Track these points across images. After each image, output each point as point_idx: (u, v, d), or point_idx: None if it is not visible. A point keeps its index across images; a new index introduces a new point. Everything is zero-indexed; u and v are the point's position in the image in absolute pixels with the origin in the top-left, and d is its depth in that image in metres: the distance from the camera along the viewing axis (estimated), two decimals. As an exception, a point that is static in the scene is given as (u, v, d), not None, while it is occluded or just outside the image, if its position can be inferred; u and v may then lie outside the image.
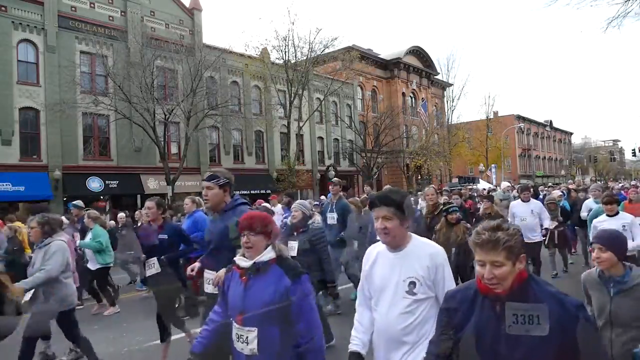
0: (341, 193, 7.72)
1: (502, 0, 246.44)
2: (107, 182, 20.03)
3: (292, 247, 5.02)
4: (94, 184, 19.69)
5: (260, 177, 26.67)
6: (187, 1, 24.73)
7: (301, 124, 27.14)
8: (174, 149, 23.09)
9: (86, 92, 18.82)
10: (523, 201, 7.68)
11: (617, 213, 5.52)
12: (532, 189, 10.67)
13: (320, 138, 32.03)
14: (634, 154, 52.62)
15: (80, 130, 19.88)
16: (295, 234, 5.27)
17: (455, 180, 35.10)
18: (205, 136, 23.58)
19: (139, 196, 20.87)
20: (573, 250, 10.94)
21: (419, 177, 37.68)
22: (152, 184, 21.29)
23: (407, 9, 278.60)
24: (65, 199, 18.54)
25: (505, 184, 12.75)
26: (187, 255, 5.36)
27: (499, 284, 1.75)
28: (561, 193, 11.29)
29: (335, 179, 8.41)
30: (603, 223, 5.29)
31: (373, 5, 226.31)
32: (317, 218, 5.99)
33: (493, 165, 38.18)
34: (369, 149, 32.17)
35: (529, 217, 7.33)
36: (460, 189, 14.20)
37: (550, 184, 37.02)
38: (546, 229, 7.76)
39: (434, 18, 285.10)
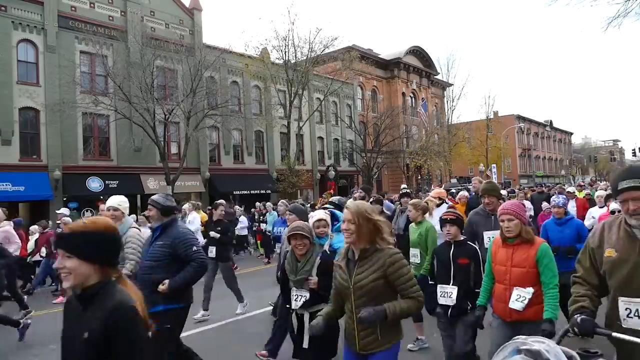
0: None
1: (502, 0, 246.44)
2: (107, 182, 20.01)
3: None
4: (94, 184, 19.68)
5: (260, 177, 26.68)
6: (187, 1, 24.72)
7: (301, 124, 27.13)
8: (174, 149, 23.08)
9: (86, 92, 18.78)
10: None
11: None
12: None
13: (320, 138, 32.02)
14: (634, 154, 52.52)
15: (80, 130, 19.87)
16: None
17: (454, 180, 35.05)
18: (205, 136, 23.55)
19: (139, 196, 20.88)
20: None
21: (419, 177, 37.66)
22: (152, 184, 21.28)
23: (407, 9, 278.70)
24: (65, 199, 18.55)
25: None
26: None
27: None
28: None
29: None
30: None
31: (373, 5, 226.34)
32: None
33: (493, 165, 38.14)
34: (369, 149, 32.16)
35: None
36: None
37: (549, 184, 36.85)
38: None
39: (434, 18, 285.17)
